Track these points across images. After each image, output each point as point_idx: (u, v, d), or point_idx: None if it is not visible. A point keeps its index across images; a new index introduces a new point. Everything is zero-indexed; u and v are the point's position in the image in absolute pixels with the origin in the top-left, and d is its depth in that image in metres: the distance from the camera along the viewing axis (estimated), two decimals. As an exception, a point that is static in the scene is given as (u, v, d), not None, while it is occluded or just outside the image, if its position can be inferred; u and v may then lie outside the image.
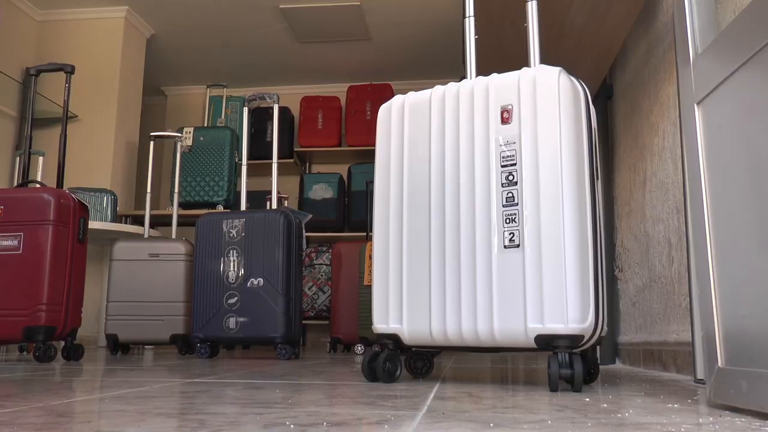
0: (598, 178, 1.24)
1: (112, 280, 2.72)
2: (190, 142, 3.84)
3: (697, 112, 0.97)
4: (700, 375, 1.36)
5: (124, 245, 2.76)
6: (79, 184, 3.82)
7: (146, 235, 3.01)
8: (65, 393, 1.03)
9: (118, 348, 2.71)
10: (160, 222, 4.01)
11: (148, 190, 3.09)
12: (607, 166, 2.40)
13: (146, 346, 3.45)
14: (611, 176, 2.40)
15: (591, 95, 1.32)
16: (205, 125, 4.78)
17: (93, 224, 3.22)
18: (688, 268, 1.53)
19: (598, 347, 2.25)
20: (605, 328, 1.21)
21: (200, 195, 3.78)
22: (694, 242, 0.97)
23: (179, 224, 3.83)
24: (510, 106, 1.23)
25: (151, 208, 3.64)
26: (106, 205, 3.41)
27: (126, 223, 3.79)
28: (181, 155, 3.80)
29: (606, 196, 2.38)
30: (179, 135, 3.25)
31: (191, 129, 3.92)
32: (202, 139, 3.88)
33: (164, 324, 2.67)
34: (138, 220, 3.83)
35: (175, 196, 3.18)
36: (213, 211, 3.34)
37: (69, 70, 2.32)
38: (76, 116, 3.94)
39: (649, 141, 1.94)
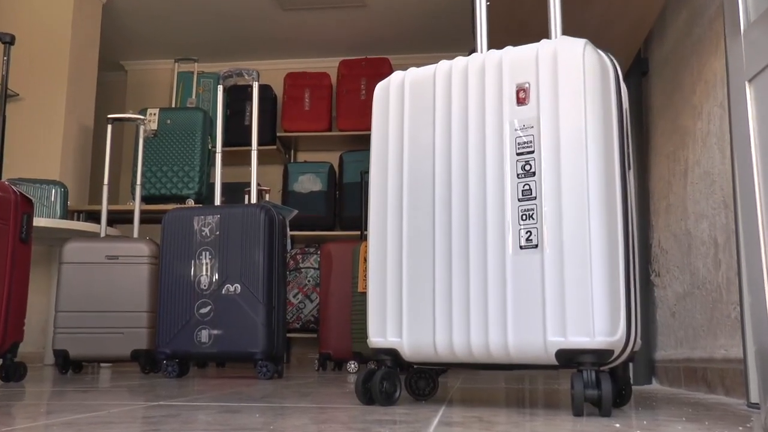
0: (630, 168, 1.25)
1: (62, 287, 2.72)
2: (154, 126, 3.84)
3: (749, 91, 0.97)
4: (753, 398, 1.36)
5: (77, 246, 2.76)
6: (22, 175, 3.82)
7: (103, 234, 3.01)
8: (3, 420, 1.02)
9: (69, 366, 2.71)
10: (120, 219, 4.01)
11: (105, 181, 3.09)
12: (642, 154, 2.41)
13: (102, 364, 3.45)
14: (646, 166, 2.40)
15: (622, 71, 1.33)
16: (173, 106, 4.77)
17: (39, 221, 3.21)
18: (738, 272, 1.54)
19: (630, 364, 2.26)
20: (639, 341, 1.22)
21: (167, 187, 3.77)
22: (744, 242, 0.97)
23: (142, 221, 3.82)
24: (527, 85, 1.23)
25: (109, 203, 3.63)
26: (55, 198, 3.41)
27: (79, 220, 3.79)
28: (145, 141, 3.80)
29: (640, 188, 2.39)
30: (142, 117, 3.24)
31: (156, 110, 3.91)
32: (169, 122, 3.88)
33: (124, 338, 2.67)
34: (93, 217, 3.83)
35: (138, 188, 3.18)
36: (182, 206, 3.33)
37: (8, 41, 2.31)
38: (18, 95, 3.93)
39: (692, 124, 1.95)
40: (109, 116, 3.16)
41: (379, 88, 1.40)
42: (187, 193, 3.77)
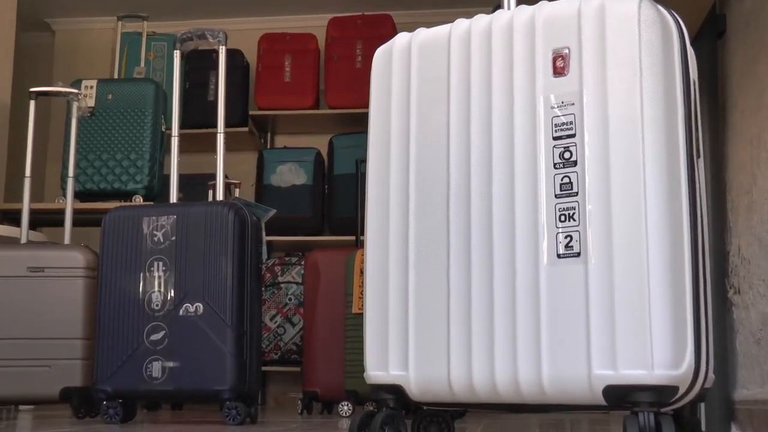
0: (699, 156, 1.26)
1: (-28, 308, 2.72)
2: (91, 103, 3.85)
3: None
4: None
5: (-8, 255, 2.76)
6: None
7: (24, 240, 3.02)
8: None
9: (-19, 409, 2.70)
10: (47, 220, 4.02)
11: (27, 173, 3.10)
12: (716, 138, 2.42)
13: (22, 407, 3.46)
14: (722, 153, 2.41)
15: (690, 33, 1.34)
16: (116, 77, 4.78)
17: (-56, 224, 3.21)
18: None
19: (701, 405, 2.27)
20: (711, 376, 1.23)
21: (108, 180, 3.78)
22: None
23: (76, 223, 3.83)
24: (566, 50, 1.24)
25: (33, 200, 3.63)
26: (-38, 195, 3.42)
27: (-7, 222, 3.79)
28: (79, 121, 3.81)
29: (714, 181, 2.40)
30: (75, 91, 3.25)
31: (93, 82, 3.92)
32: (110, 97, 3.88)
33: (51, 372, 2.68)
34: (10, 218, 3.84)
35: (70, 181, 3.19)
36: (128, 203, 3.33)
37: None
38: None
39: (780, 100, 1.95)
40: (32, 90, 3.16)
41: (380, 54, 1.42)
42: (133, 188, 3.77)
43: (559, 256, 1.20)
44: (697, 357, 1.15)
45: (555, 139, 1.23)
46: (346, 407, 3.05)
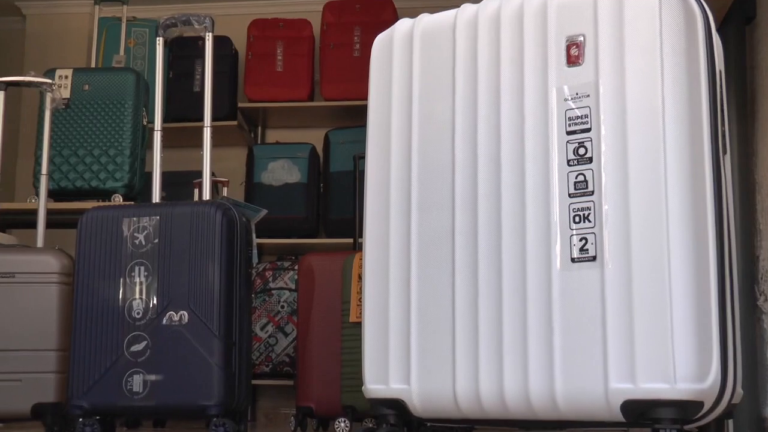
0: (726, 152, 1.27)
1: (-63, 317, 2.73)
2: (67, 94, 3.85)
3: None
4: None
5: (-42, 260, 2.77)
6: None
7: (-6, 244, 3.02)
8: None
9: (-54, 427, 2.71)
10: (17, 222, 4.02)
11: (-3, 169, 3.10)
12: (744, 133, 2.42)
13: (-6, 425, 3.46)
14: (751, 148, 2.42)
15: (716, 19, 1.35)
16: (93, 65, 4.78)
17: None
18: None
19: (728, 422, 2.27)
20: (740, 391, 1.24)
21: (85, 178, 3.77)
22: None
23: (50, 225, 3.83)
24: (581, 38, 1.25)
25: (2, 200, 3.62)
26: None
27: (-40, 223, 3.80)
28: (53, 114, 3.81)
29: (742, 180, 2.40)
30: (49, 81, 3.25)
31: (68, 72, 3.92)
32: (87, 88, 3.88)
33: (22, 387, 2.68)
34: (-20, 220, 3.84)
35: (43, 179, 3.19)
36: (106, 203, 3.33)
37: None
38: None
39: (814, 91, 1.96)
40: (1, 79, 3.17)
41: (379, 42, 1.42)
42: (112, 186, 3.77)
43: (573, 260, 1.21)
44: (723, 370, 1.16)
45: (569, 133, 1.24)
46: (342, 424, 3.05)
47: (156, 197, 2.70)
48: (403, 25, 1.41)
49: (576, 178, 1.23)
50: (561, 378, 1.19)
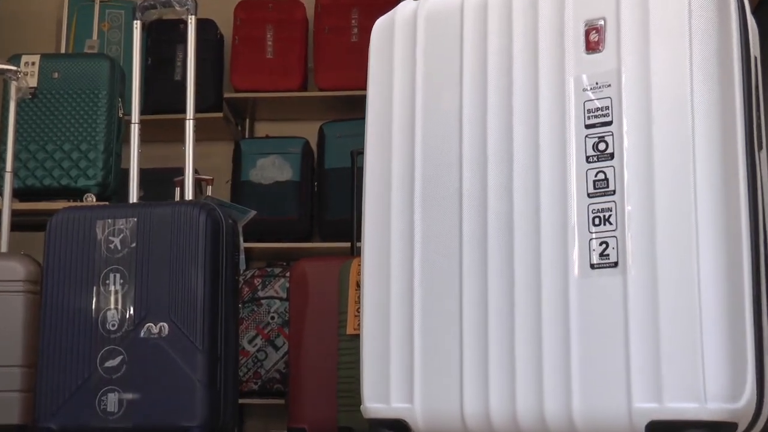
0: (762, 147, 1.26)
1: None
2: (34, 82, 3.85)
3: None
4: None
5: None
6: None
7: (-45, 248, 3.02)
8: None
9: None
10: (-19, 224, 4.01)
11: (-41, 166, 3.09)
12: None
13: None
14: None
15: (751, 1, 1.34)
16: (63, 51, 4.78)
17: None
18: None
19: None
20: (780, 411, 1.23)
21: (54, 176, 3.77)
22: None
23: (15, 227, 3.82)
24: (601, 22, 1.24)
25: (-34, 200, 3.62)
26: None
27: None
28: (18, 105, 3.81)
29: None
30: (14, 68, 3.25)
31: (36, 58, 3.92)
32: (56, 75, 3.88)
33: (-14, 406, 2.68)
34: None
35: (7, 177, 3.19)
36: (78, 204, 3.32)
37: None
38: None
39: None
40: (-35, 67, 3.17)
41: (380, 26, 1.42)
42: (85, 185, 3.76)
43: (592, 266, 1.20)
44: (759, 387, 1.15)
45: (588, 127, 1.23)
46: (339, 446, 3.05)
47: (133, 197, 2.70)
48: (405, 7, 1.41)
49: (596, 176, 1.22)
50: (579, 396, 1.18)
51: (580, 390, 1.19)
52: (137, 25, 2.79)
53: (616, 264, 1.19)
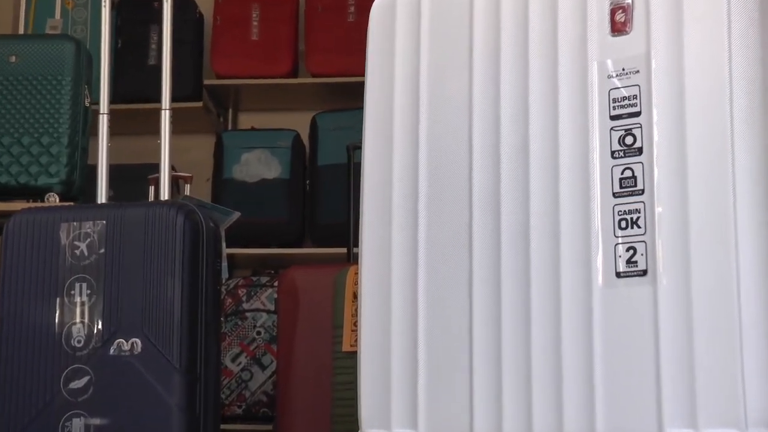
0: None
1: None
2: (-8, 68, 3.86)
3: None
4: None
5: None
6: None
7: None
8: None
9: None
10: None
11: None
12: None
13: None
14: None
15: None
16: (21, 32, 4.78)
17: None
18: None
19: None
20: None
21: (11, 173, 3.76)
22: None
23: (-28, 231, 3.84)
24: (628, 0, 1.24)
25: None
26: None
27: None
28: (-24, 94, 3.81)
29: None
30: (-30, 53, 3.25)
31: (-5, 41, 3.93)
32: (14, 60, 3.87)
33: (-63, 432, 2.68)
34: None
35: (-37, 175, 3.19)
36: (39, 204, 3.31)
37: None
38: None
39: None
40: None
41: (380, 4, 1.41)
42: (47, 183, 3.76)
43: (618, 275, 1.20)
44: (810, 414, 1.14)
45: (613, 118, 1.23)
46: (333, 475, 3.06)
47: (101, 197, 2.70)
48: (407, -15, 1.40)
49: (622, 173, 1.22)
50: (603, 421, 1.18)
51: (604, 414, 1.18)
52: (105, 2, 2.79)
53: (644, 272, 1.18)
